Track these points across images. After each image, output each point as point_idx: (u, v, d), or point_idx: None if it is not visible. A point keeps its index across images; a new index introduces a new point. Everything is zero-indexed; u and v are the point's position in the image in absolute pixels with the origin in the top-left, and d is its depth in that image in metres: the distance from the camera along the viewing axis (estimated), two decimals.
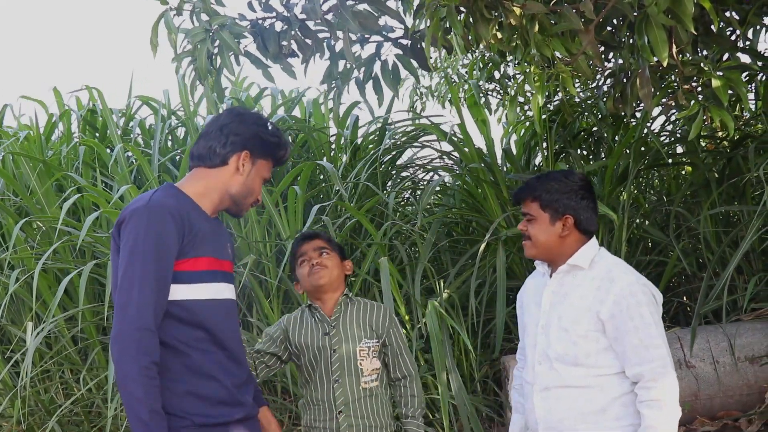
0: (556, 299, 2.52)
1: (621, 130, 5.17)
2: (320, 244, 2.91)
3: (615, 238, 4.70)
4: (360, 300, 2.96)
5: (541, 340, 2.51)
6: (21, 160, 5.11)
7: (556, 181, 2.52)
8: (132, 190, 4.53)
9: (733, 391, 4.11)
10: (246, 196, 2.38)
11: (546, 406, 2.48)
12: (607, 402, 2.41)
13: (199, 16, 3.35)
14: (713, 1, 3.44)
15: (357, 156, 5.46)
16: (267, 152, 2.39)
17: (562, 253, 2.52)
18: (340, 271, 2.92)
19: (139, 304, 2.08)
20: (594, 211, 2.56)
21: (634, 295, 2.39)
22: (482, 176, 4.65)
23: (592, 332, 2.41)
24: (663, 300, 2.53)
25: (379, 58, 3.81)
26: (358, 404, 2.83)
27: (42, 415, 4.75)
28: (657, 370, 2.34)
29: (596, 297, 2.42)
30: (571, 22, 2.89)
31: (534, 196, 2.53)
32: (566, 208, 2.50)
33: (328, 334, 2.85)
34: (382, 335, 2.90)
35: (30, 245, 4.84)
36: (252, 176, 2.37)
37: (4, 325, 4.93)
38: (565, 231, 2.50)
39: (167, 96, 6.02)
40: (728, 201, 4.99)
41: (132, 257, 2.11)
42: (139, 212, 2.15)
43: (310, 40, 3.61)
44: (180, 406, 2.13)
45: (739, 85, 3.25)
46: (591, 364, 2.41)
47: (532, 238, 2.53)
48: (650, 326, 2.37)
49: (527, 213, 2.55)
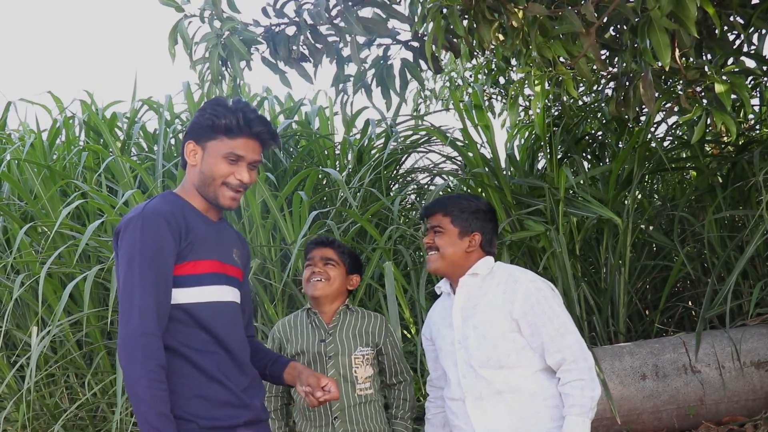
0: (467, 313, 2.64)
1: (625, 134, 5.16)
2: (328, 254, 2.93)
3: (619, 242, 4.70)
4: (359, 310, 3.00)
5: (460, 355, 2.62)
6: (25, 165, 5.13)
7: (467, 201, 2.71)
8: (137, 195, 4.54)
9: (739, 396, 4.09)
10: (209, 182, 2.27)
11: (482, 414, 2.57)
12: (541, 403, 2.53)
13: (213, 22, 3.38)
14: (716, 5, 3.44)
15: (362, 160, 5.46)
16: (209, 131, 2.26)
17: (462, 268, 2.67)
18: (341, 285, 2.94)
19: (141, 310, 2.09)
20: (495, 234, 2.75)
21: (540, 290, 2.56)
22: (486, 181, 4.65)
23: (509, 333, 2.55)
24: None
25: (386, 62, 3.82)
26: (354, 410, 2.85)
27: (47, 419, 4.76)
28: (576, 353, 2.50)
29: (505, 299, 2.57)
30: (572, 24, 2.89)
31: (446, 211, 2.69)
32: (475, 226, 2.67)
33: (324, 341, 2.87)
34: (379, 344, 2.94)
35: (35, 250, 4.86)
36: (206, 161, 2.27)
37: (10, 329, 4.94)
38: (471, 247, 2.66)
39: (170, 100, 6.04)
40: (733, 205, 4.97)
41: (130, 265, 2.13)
42: (134, 221, 2.16)
43: (321, 44, 3.62)
44: (186, 409, 2.14)
45: (742, 90, 3.25)
46: (513, 363, 2.54)
47: (439, 250, 2.66)
48: (561, 316, 2.54)
49: (437, 226, 2.68)
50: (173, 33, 3.40)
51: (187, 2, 3.34)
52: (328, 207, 4.88)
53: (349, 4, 3.42)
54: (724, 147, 5.53)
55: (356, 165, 5.42)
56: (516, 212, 4.55)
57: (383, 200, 4.65)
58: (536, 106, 3.35)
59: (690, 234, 5.08)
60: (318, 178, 5.31)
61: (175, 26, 3.40)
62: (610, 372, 4.05)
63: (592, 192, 4.75)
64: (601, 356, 4.10)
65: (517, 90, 3.23)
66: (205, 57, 3.43)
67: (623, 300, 4.71)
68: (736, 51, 4.01)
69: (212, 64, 3.37)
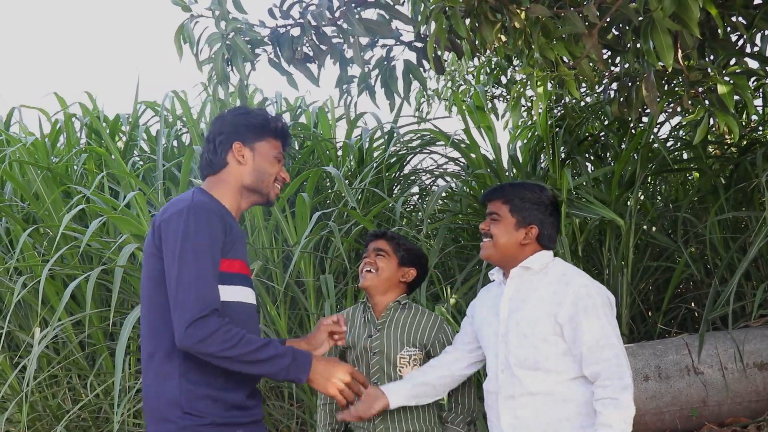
0: (514, 306, 2.55)
1: (627, 135, 5.16)
2: (381, 245, 2.90)
3: (622, 243, 4.69)
4: (413, 306, 2.92)
5: (501, 349, 2.55)
6: (27, 167, 5.14)
7: (530, 191, 2.60)
8: (138, 197, 4.55)
9: (742, 398, 4.09)
10: (262, 179, 2.40)
11: (512, 415, 2.51)
12: (572, 409, 2.45)
13: (219, 22, 3.38)
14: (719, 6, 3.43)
15: (364, 161, 5.47)
16: (258, 133, 2.41)
17: (515, 260, 2.58)
18: (392, 276, 2.88)
19: (199, 298, 2.10)
20: (556, 230, 2.64)
21: (590, 296, 2.44)
22: (489, 182, 4.65)
23: (551, 336, 2.46)
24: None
25: (388, 63, 3.82)
26: (396, 409, 2.80)
27: (50, 420, 4.76)
28: (612, 369, 2.38)
29: (553, 300, 2.47)
30: (574, 25, 2.89)
31: (506, 198, 2.59)
32: (534, 218, 2.57)
33: (371, 336, 2.83)
34: (427, 345, 2.86)
35: (38, 251, 4.86)
36: (257, 160, 2.40)
37: (12, 331, 4.95)
38: (527, 240, 2.56)
39: (172, 101, 6.04)
40: (736, 207, 4.97)
41: (184, 254, 2.13)
42: (185, 212, 2.19)
43: (325, 45, 3.62)
44: (195, 406, 2.16)
45: (745, 91, 3.24)
46: (551, 368, 2.45)
47: (493, 238, 2.57)
48: (606, 327, 2.42)
49: (494, 212, 2.59)
50: (179, 32, 3.40)
51: (194, 2, 3.34)
52: (330, 208, 4.88)
53: (351, 6, 3.41)
54: (726, 148, 5.52)
55: (358, 166, 5.42)
56: None
57: (387, 200, 4.65)
58: (538, 107, 3.34)
59: (693, 235, 5.08)
60: (320, 179, 5.31)
61: (182, 26, 3.40)
62: None
63: (594, 193, 4.75)
64: None
65: (520, 91, 3.22)
66: (211, 57, 3.43)
67: (626, 301, 4.71)
68: (738, 52, 4.00)
69: (217, 65, 3.37)
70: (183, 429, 2.15)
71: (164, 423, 2.17)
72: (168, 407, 2.16)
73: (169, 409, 2.16)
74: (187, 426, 2.14)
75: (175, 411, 2.15)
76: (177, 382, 2.16)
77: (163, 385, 2.18)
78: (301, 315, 4.60)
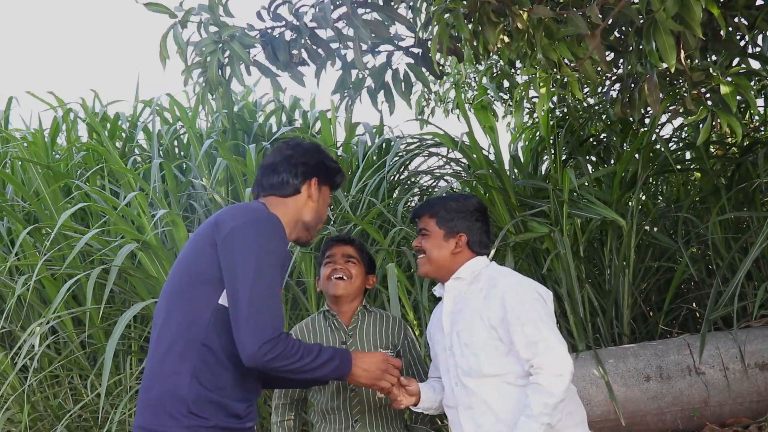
0: (454, 318, 2.59)
1: (629, 136, 5.16)
2: (350, 251, 2.89)
3: (624, 244, 4.69)
4: (376, 311, 2.95)
5: (450, 363, 2.58)
6: (28, 165, 5.14)
7: (455, 201, 2.66)
8: (139, 197, 4.54)
9: (743, 398, 4.09)
10: (317, 222, 2.47)
11: (473, 424, 2.52)
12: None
13: (208, 28, 3.34)
14: (722, 6, 3.43)
15: (366, 163, 5.46)
16: (330, 178, 2.50)
17: (451, 270, 2.62)
18: (360, 284, 2.89)
19: (275, 317, 2.17)
20: (486, 235, 2.68)
21: (517, 294, 2.47)
22: (490, 183, 4.65)
23: (489, 340, 2.47)
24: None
25: (390, 67, 3.81)
26: (374, 414, 2.81)
27: (51, 420, 4.76)
28: (541, 362, 2.37)
29: (484, 305, 2.49)
30: (577, 26, 2.88)
31: (432, 212, 2.65)
32: (461, 226, 2.62)
33: (345, 343, 2.83)
34: (398, 345, 2.89)
35: (38, 251, 4.86)
36: (320, 203, 2.47)
37: (13, 330, 4.94)
38: (458, 248, 2.61)
39: (173, 101, 6.04)
40: (737, 207, 4.97)
41: (261, 270, 2.16)
42: (263, 225, 2.22)
43: (321, 48, 3.60)
44: (201, 410, 2.17)
45: (748, 91, 3.24)
46: (495, 372, 2.47)
47: (426, 252, 2.62)
48: (535, 321, 2.42)
49: (423, 228, 2.65)
50: (166, 38, 3.32)
51: (181, 9, 3.28)
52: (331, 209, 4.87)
53: (355, 8, 3.40)
54: (728, 148, 5.52)
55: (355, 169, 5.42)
56: (520, 214, 4.55)
57: (379, 206, 4.64)
58: (541, 108, 3.34)
59: (694, 235, 5.08)
60: None
61: (168, 32, 3.32)
62: (614, 373, 4.04)
63: (596, 193, 4.74)
64: (605, 358, 4.10)
65: (522, 93, 3.22)
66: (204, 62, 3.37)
67: (627, 301, 4.71)
68: (741, 52, 4.00)
69: (211, 71, 3.32)
70: (188, 428, 2.15)
71: (166, 418, 2.16)
72: (172, 403, 2.16)
73: (173, 405, 2.16)
74: (192, 426, 2.15)
75: (180, 408, 2.15)
76: (187, 381, 2.17)
77: (171, 380, 2.18)
78: (302, 315, 4.60)
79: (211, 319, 2.19)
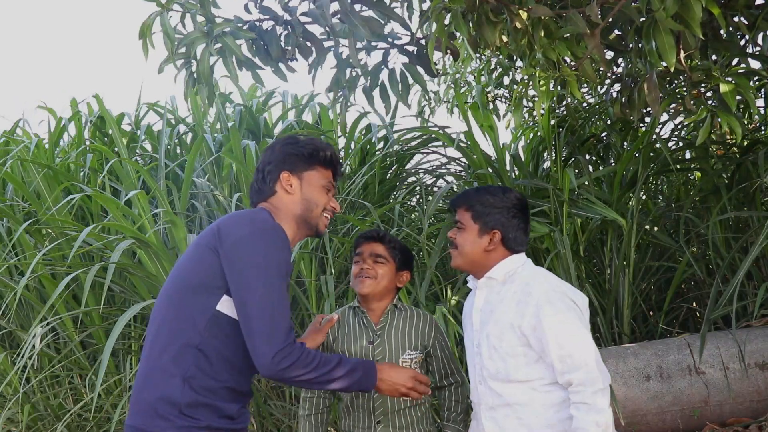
0: (484, 317, 2.52)
1: (629, 135, 5.16)
2: (378, 250, 2.82)
3: (624, 243, 4.69)
4: (408, 308, 2.89)
5: (477, 360, 2.53)
6: (29, 166, 5.14)
7: (492, 195, 2.55)
8: (140, 196, 4.54)
9: (743, 398, 4.08)
10: (310, 209, 2.40)
11: (495, 426, 2.48)
12: (552, 416, 2.40)
13: (195, 18, 3.29)
14: (722, 6, 3.43)
15: (365, 161, 5.46)
16: (307, 162, 2.42)
17: (485, 267, 2.53)
18: (389, 282, 2.82)
19: (287, 326, 2.17)
20: (524, 232, 2.57)
21: (551, 303, 2.37)
22: (490, 182, 4.64)
23: (519, 347, 2.40)
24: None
25: (386, 65, 3.80)
26: (398, 415, 2.77)
27: (51, 419, 4.76)
28: (582, 375, 2.31)
29: (517, 311, 2.41)
30: (576, 25, 2.88)
31: (468, 205, 2.55)
32: (496, 223, 2.51)
33: (372, 343, 2.79)
34: (427, 346, 2.84)
35: (38, 251, 4.86)
36: (305, 189, 2.40)
37: (14, 330, 4.95)
38: (491, 245, 2.51)
39: (174, 102, 6.05)
40: (738, 207, 4.96)
41: (270, 279, 2.16)
42: (269, 234, 2.21)
43: (314, 45, 3.57)
44: (193, 412, 2.17)
45: (747, 91, 3.24)
46: (523, 378, 2.41)
47: (458, 247, 2.55)
48: (571, 332, 2.35)
49: (458, 221, 2.56)
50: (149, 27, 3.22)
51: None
52: None
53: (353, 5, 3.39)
54: (729, 148, 5.52)
55: (360, 166, 5.42)
56: None
57: (369, 207, 4.63)
58: (541, 108, 3.33)
59: (694, 235, 5.08)
60: None
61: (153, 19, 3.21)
62: (614, 373, 4.04)
63: (596, 193, 4.74)
64: (606, 357, 4.10)
65: (522, 92, 3.22)
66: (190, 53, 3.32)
67: (627, 301, 4.71)
68: (741, 52, 4.00)
69: (204, 65, 3.28)
70: (179, 429, 2.15)
71: (157, 419, 2.17)
72: (163, 404, 2.16)
73: (165, 407, 2.16)
74: (183, 426, 2.15)
75: (171, 410, 2.16)
76: (179, 384, 2.16)
77: (163, 381, 2.18)
78: (302, 315, 4.60)
79: (208, 324, 2.19)
